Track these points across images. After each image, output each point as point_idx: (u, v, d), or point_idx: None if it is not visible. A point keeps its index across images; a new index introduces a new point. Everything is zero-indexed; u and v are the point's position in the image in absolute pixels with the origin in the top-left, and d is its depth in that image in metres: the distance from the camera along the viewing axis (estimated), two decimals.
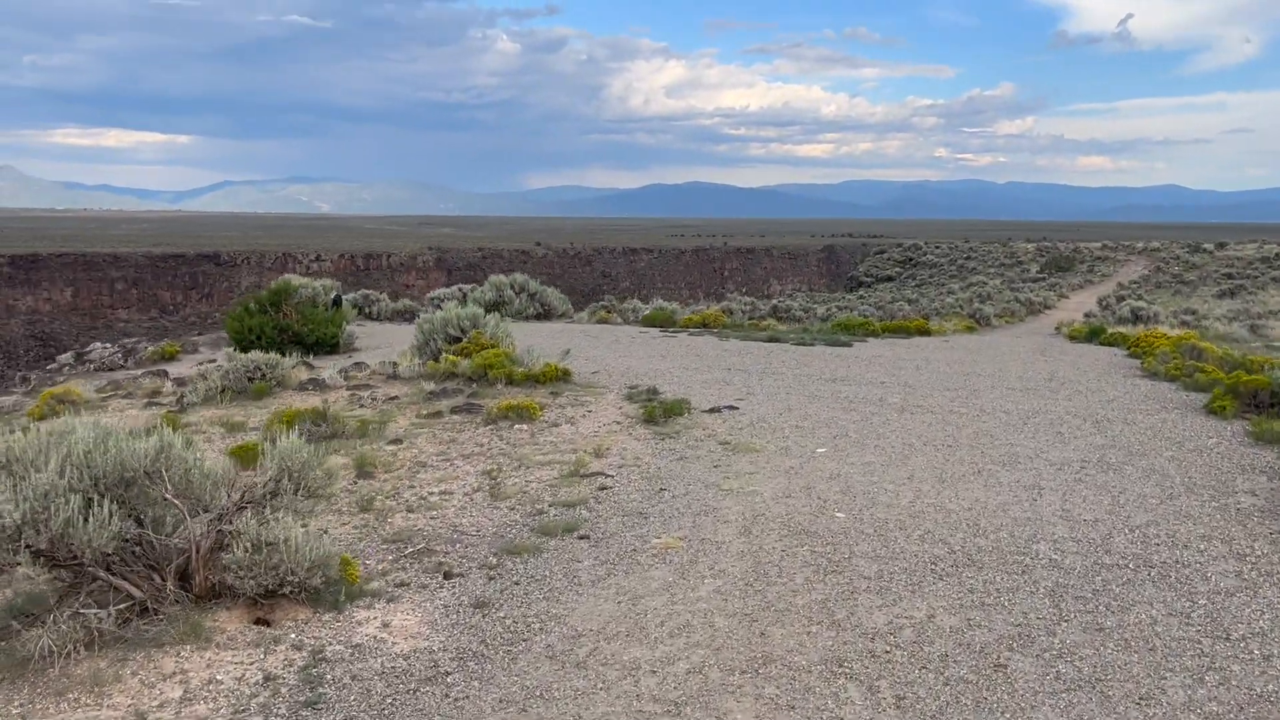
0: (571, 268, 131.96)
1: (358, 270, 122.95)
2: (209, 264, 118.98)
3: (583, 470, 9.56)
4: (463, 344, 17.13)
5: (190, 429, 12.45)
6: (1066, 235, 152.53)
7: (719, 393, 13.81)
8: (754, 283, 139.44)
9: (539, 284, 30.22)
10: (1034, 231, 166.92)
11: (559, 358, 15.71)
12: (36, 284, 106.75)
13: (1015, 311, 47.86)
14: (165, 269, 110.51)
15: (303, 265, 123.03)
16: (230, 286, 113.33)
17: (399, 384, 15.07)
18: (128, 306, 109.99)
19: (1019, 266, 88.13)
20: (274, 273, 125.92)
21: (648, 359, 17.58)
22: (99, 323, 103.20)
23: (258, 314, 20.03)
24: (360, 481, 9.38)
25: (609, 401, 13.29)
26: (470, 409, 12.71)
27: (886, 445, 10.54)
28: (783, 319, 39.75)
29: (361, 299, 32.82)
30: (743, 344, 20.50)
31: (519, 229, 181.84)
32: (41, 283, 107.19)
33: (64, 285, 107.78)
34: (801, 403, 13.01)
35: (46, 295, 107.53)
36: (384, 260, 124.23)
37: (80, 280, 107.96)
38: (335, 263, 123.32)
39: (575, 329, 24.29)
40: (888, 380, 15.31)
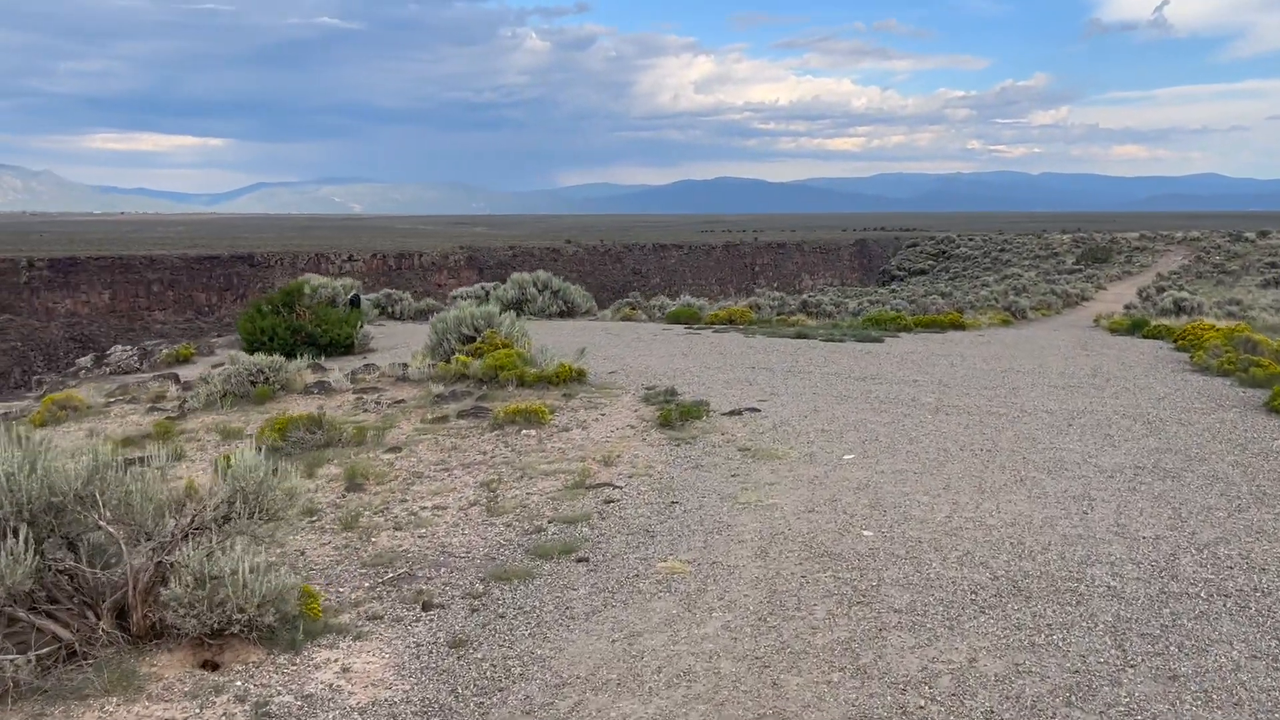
0: (602, 265, 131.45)
1: (390, 270, 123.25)
2: (243, 265, 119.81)
3: (589, 481, 8.78)
4: (476, 344, 16.42)
5: (185, 436, 11.83)
6: (1102, 226, 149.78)
7: (741, 393, 12.98)
8: (785, 278, 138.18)
9: (562, 281, 29.50)
10: (1069, 222, 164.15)
11: (574, 357, 14.95)
12: (75, 287, 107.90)
13: (1051, 304, 46.53)
14: (200, 271, 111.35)
15: (335, 265, 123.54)
16: (264, 287, 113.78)
17: (408, 386, 14.39)
18: (164, 308, 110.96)
19: (1054, 258, 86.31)
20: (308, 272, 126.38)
21: (668, 358, 16.78)
22: (136, 324, 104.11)
23: (270, 315, 19.45)
24: (349, 495, 8.67)
25: (624, 404, 12.51)
26: (478, 413, 11.98)
27: (920, 450, 9.66)
28: (813, 314, 38.78)
29: (384, 298, 32.28)
30: (769, 341, 19.64)
31: (550, 227, 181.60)
32: (80, 285, 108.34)
33: (102, 288, 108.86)
34: (828, 404, 12.15)
35: (85, 298, 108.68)
36: (416, 260, 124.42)
37: (118, 283, 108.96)
38: (367, 263, 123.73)
39: (597, 327, 23.54)
40: (921, 378, 14.40)
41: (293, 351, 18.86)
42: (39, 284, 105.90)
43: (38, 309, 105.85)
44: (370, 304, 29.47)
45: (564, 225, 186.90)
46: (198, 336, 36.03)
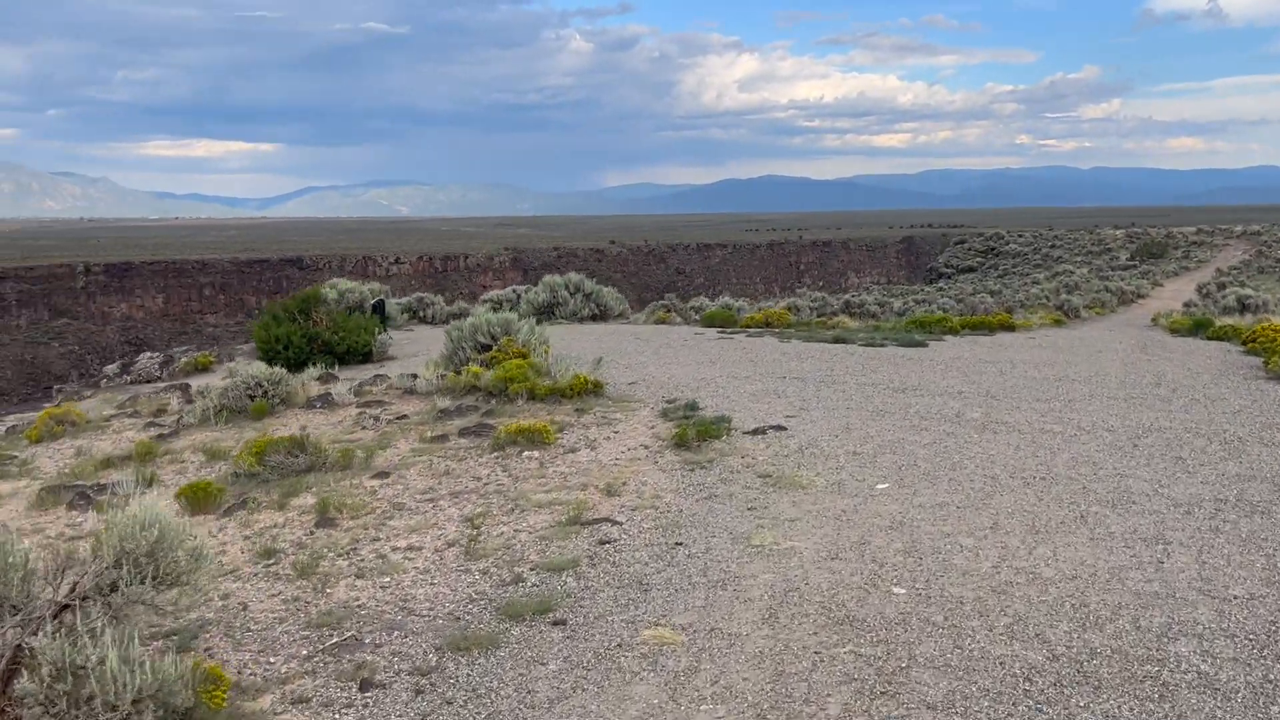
0: (645, 265, 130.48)
1: (436, 272, 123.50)
2: (292, 268, 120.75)
3: (585, 515, 7.73)
4: (491, 353, 15.47)
5: (169, 457, 10.99)
6: (1157, 220, 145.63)
7: (768, 407, 11.84)
8: (830, 276, 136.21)
9: (594, 283, 28.50)
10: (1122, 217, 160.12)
11: (591, 367, 13.91)
12: (130, 291, 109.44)
13: (1106, 302, 44.59)
14: (250, 274, 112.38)
15: (382, 268, 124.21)
16: None
17: (415, 400, 13.45)
18: (215, 311, 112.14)
19: (1107, 254, 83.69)
20: (355, 275, 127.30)
21: (695, 366, 15.68)
22: (189, 327, 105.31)
23: (286, 322, 18.67)
24: (318, 531, 7.70)
25: (640, 419, 11.44)
26: (480, 431, 10.99)
27: (964, 478, 8.47)
28: (855, 315, 37.37)
29: (415, 302, 31.53)
30: (804, 347, 18.44)
31: (594, 228, 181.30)
32: (135, 290, 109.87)
33: (155, 292, 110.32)
34: (863, 420, 10.97)
35: (139, 302, 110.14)
36: (461, 261, 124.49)
37: (171, 287, 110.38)
38: (414, 265, 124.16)
39: (627, 331, 22.50)
40: (966, 389, 13.14)
41: (308, 360, 18.09)
42: (95, 289, 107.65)
43: (94, 313, 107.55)
44: (399, 309, 28.72)
45: (608, 226, 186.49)
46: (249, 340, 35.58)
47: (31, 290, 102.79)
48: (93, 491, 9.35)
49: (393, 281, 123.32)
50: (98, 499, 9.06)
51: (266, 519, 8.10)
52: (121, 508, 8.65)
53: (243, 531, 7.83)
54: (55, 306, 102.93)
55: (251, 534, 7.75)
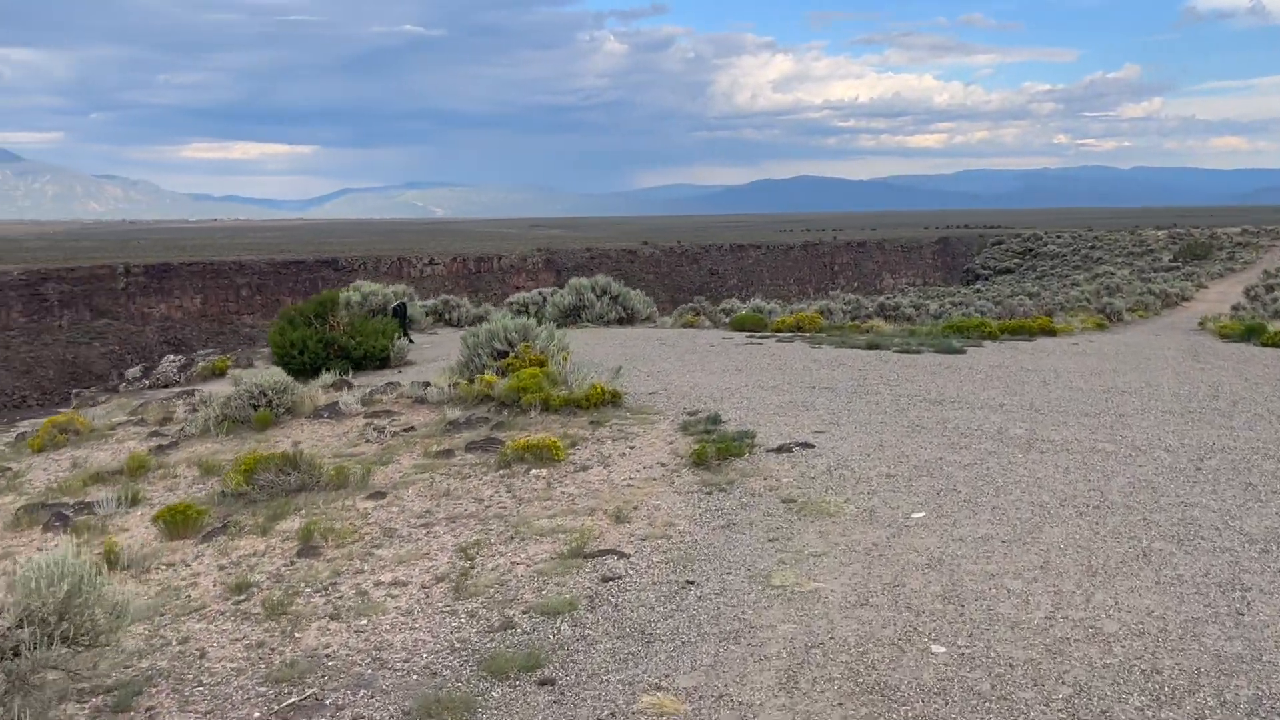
0: (679, 266, 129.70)
1: (469, 273, 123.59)
2: (328, 269, 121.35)
3: (590, 546, 7.00)
4: (508, 360, 14.81)
5: (161, 471, 10.41)
6: (1199, 221, 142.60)
7: (795, 421, 11.05)
8: (865, 277, 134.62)
9: (621, 286, 27.80)
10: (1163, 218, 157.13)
11: (609, 376, 13.19)
12: (169, 292, 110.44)
13: (1149, 305, 43.19)
14: (287, 275, 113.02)
15: (417, 269, 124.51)
16: None
17: (425, 410, 12.81)
18: (252, 312, 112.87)
19: (1149, 255, 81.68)
20: (390, 276, 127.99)
21: (721, 374, 14.91)
22: (225, 328, 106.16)
23: (301, 326, 18.15)
24: (298, 562, 7.04)
25: (658, 434, 10.70)
26: (488, 445, 10.31)
27: (1009, 506, 7.64)
28: (890, 318, 36.37)
29: (441, 305, 31.01)
30: (836, 353, 17.60)
31: (628, 229, 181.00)
32: (174, 291, 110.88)
33: (194, 293, 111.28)
34: (897, 437, 10.15)
35: (178, 302, 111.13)
36: (495, 263, 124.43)
37: (208, 288, 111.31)
38: (448, 266, 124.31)
39: (653, 335, 21.76)
40: (1009, 401, 12.26)
41: (324, 365, 17.57)
42: (135, 290, 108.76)
43: (134, 314, 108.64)
44: (423, 312, 28.20)
45: (641, 226, 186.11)
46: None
47: (73, 291, 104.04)
48: (73, 511, 8.78)
49: (427, 283, 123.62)
50: (76, 519, 8.48)
51: (247, 545, 7.46)
52: (98, 530, 8.06)
53: (219, 560, 7.19)
54: (96, 307, 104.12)
55: (228, 563, 7.10)
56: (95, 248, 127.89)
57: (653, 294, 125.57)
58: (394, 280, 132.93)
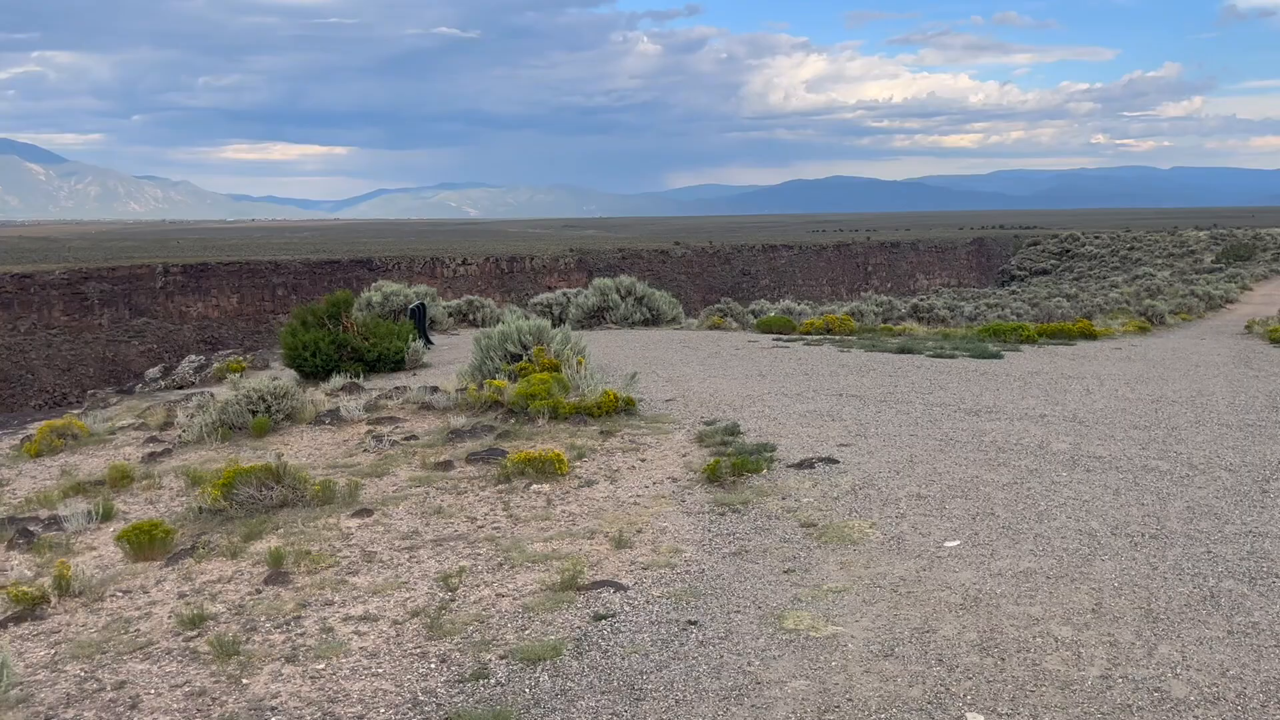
0: (710, 266, 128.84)
1: (502, 273, 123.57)
2: (362, 269, 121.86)
3: (584, 577, 6.27)
4: (520, 364, 14.13)
5: (146, 482, 9.82)
6: (1242, 221, 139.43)
7: (819, 432, 10.26)
8: (899, 278, 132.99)
9: (646, 286, 27.06)
10: (1203, 218, 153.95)
11: (623, 383, 12.47)
12: (206, 291, 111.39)
13: (1193, 307, 41.74)
14: (321, 275, 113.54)
15: (450, 269, 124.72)
16: None
17: (431, 416, 12.15)
18: (287, 311, 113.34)
19: (1190, 256, 79.67)
20: (423, 277, 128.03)
21: (743, 380, 14.13)
22: (261, 327, 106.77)
23: (314, 327, 17.58)
24: (265, 590, 6.37)
25: (673, 445, 9.96)
26: (490, 456, 9.62)
27: (1053, 534, 6.82)
28: (924, 320, 35.35)
29: (466, 305, 30.45)
30: (866, 358, 16.75)
31: (660, 229, 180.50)
32: (211, 290, 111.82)
33: (230, 292, 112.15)
34: (929, 452, 9.32)
35: (215, 302, 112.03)
36: (527, 263, 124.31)
37: (245, 287, 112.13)
38: (481, 266, 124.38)
39: (676, 338, 21.01)
40: (1049, 412, 11.38)
41: (336, 368, 17.00)
42: (174, 288, 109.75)
43: (173, 312, 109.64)
44: (446, 312, 27.63)
45: (673, 227, 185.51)
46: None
47: (113, 290, 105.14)
48: (43, 526, 8.19)
49: (459, 283, 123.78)
50: (43, 536, 7.89)
51: (214, 569, 6.80)
52: (62, 549, 7.45)
53: (181, 586, 6.54)
54: (136, 306, 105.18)
55: (190, 590, 6.45)
56: (135, 247, 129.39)
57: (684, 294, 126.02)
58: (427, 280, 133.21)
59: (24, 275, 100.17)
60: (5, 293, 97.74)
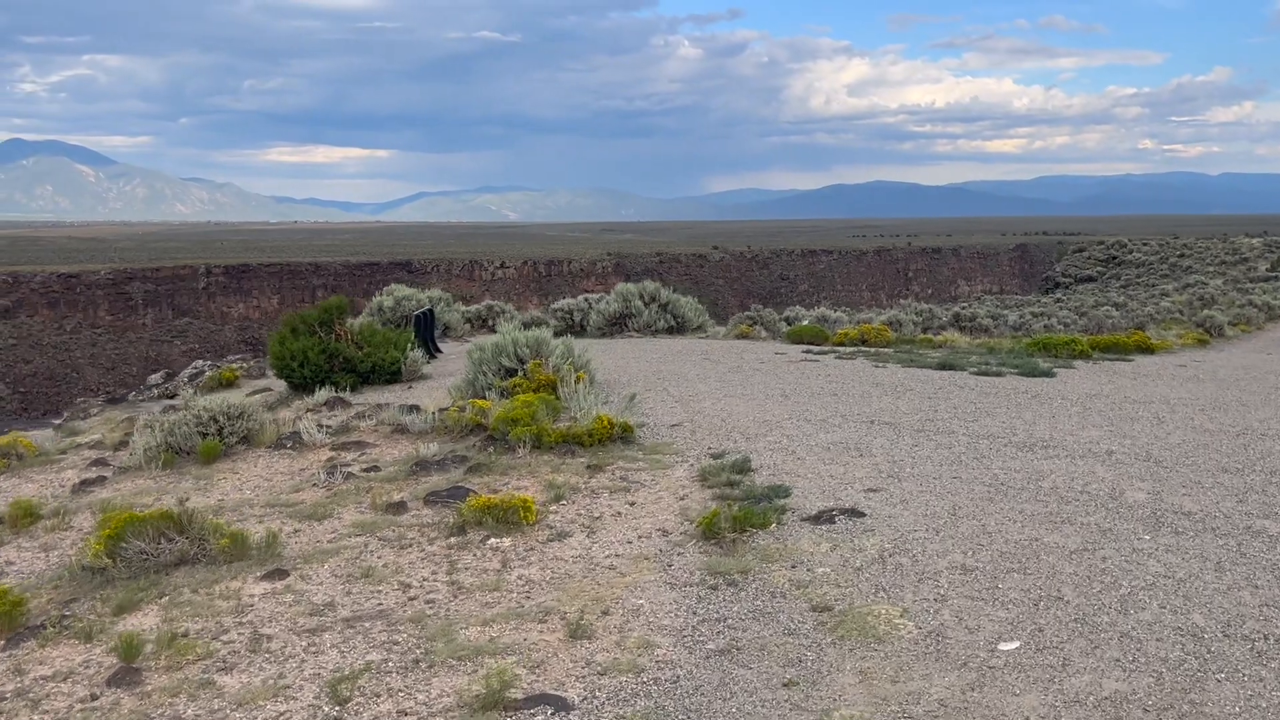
0: (749, 271, 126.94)
1: (540, 276, 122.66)
2: (401, 271, 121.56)
3: (514, 692, 4.69)
4: (514, 379, 12.60)
5: (53, 522, 8.37)
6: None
7: (844, 471, 8.59)
8: (940, 284, 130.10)
9: (671, 293, 25.44)
10: (1254, 225, 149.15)
11: (622, 405, 10.86)
12: (248, 292, 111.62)
13: (1252, 318, 39.20)
14: (361, 277, 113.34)
15: (488, 272, 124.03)
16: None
17: (404, 441, 10.64)
18: None
19: (1244, 264, 76.37)
20: (462, 279, 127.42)
21: (763, 400, 12.46)
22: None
23: (305, 335, 16.18)
24: (103, 695, 4.85)
25: (670, 484, 8.35)
26: (453, 497, 8.07)
27: (1144, 634, 5.11)
28: (965, 329, 33.34)
29: (485, 310, 29.05)
30: (903, 373, 15.01)
31: (698, 233, 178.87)
32: (252, 291, 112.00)
33: (271, 293, 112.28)
34: (975, 501, 7.61)
35: (255, 302, 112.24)
36: (565, 266, 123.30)
37: (285, 288, 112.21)
38: (519, 269, 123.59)
39: (698, 349, 19.36)
40: (1117, 447, 9.59)
41: (326, 379, 15.61)
42: (215, 289, 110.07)
43: (214, 313, 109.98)
44: (463, 318, 26.25)
45: (712, 231, 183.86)
46: None
47: (157, 290, 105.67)
48: None
49: (497, 286, 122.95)
50: None
51: (59, 658, 5.31)
52: None
53: (6, 684, 5.06)
54: (178, 306, 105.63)
55: (12, 691, 4.96)
56: (179, 248, 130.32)
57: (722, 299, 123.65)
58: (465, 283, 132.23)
59: (71, 275, 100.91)
60: (52, 292, 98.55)
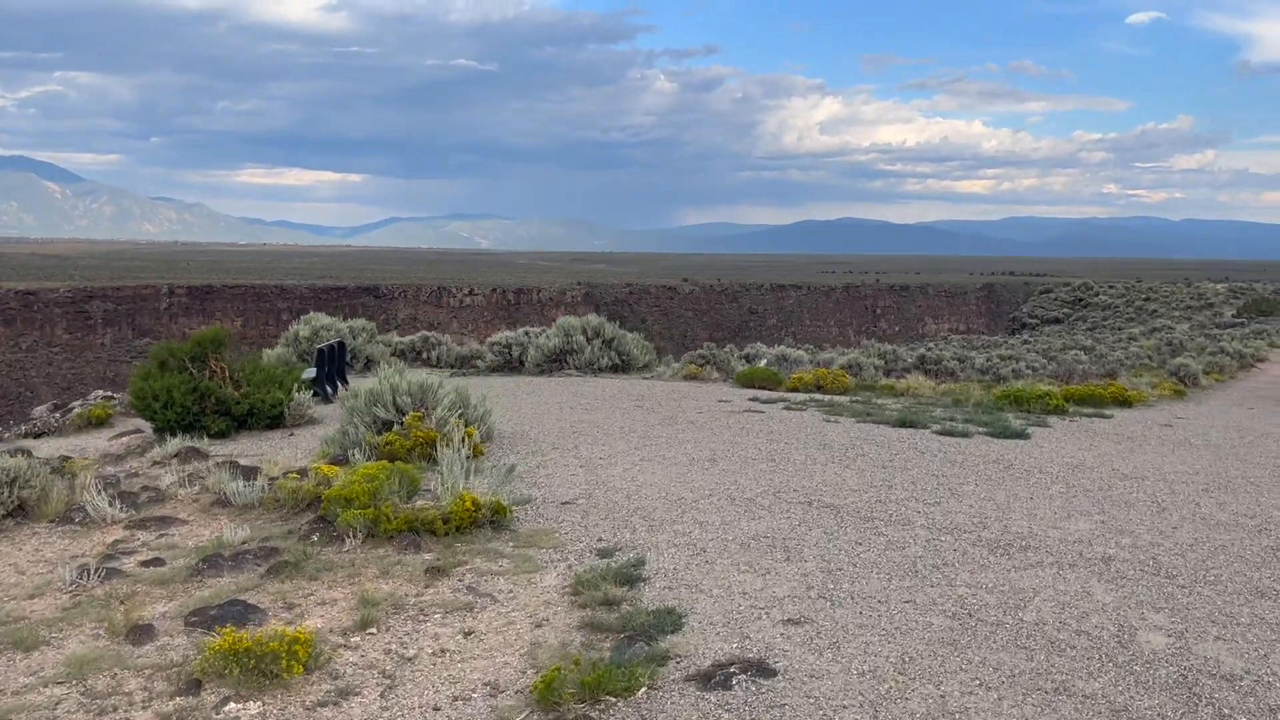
0: (718, 304, 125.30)
1: (508, 305, 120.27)
2: (368, 296, 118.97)
3: None
4: (388, 436, 10.31)
5: None
6: (1256, 275, 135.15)
7: (762, 585, 6.38)
8: (907, 321, 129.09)
9: (616, 328, 23.29)
10: (1215, 270, 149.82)
11: (499, 478, 8.58)
12: (210, 314, 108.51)
13: (1224, 366, 37.57)
14: (327, 300, 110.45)
15: (456, 299, 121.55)
16: (387, 318, 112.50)
17: (222, 517, 8.31)
18: None
19: (1209, 309, 75.49)
20: (429, 306, 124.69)
21: (686, 467, 10.23)
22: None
23: (173, 372, 13.83)
24: None
25: (530, 600, 6.10)
26: (221, 619, 5.77)
27: None
28: (930, 372, 31.40)
29: (420, 341, 26.75)
30: (858, 430, 12.86)
31: (669, 265, 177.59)
32: (215, 313, 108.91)
33: (235, 315, 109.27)
34: (934, 648, 5.41)
35: (218, 324, 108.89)
36: (534, 295, 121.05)
37: (249, 310, 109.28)
38: (487, 297, 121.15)
39: (636, 392, 17.14)
40: (1115, 549, 7.43)
41: (195, 423, 13.28)
42: (178, 310, 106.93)
43: (175, 333, 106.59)
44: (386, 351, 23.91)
45: (683, 263, 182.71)
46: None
47: (117, 310, 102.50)
48: None
49: (465, 313, 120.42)
50: None
51: None
52: None
53: None
54: (139, 326, 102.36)
55: None
56: (143, 268, 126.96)
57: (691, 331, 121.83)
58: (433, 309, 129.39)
59: (28, 292, 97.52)
60: (9, 309, 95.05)
